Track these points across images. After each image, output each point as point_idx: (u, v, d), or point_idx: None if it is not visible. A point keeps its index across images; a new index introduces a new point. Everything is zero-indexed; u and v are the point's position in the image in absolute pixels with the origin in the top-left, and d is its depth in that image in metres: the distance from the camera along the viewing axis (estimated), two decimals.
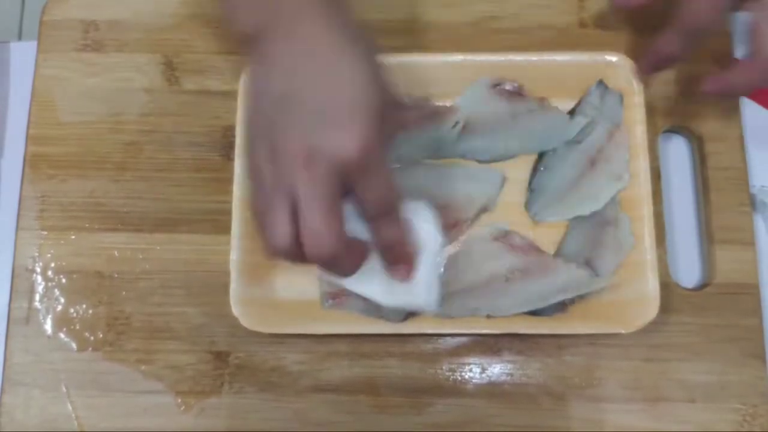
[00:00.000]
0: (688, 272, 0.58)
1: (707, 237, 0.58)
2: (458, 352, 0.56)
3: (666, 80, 0.60)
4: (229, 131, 0.59)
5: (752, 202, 0.58)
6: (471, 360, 0.56)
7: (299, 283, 0.56)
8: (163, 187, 0.59)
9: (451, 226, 0.56)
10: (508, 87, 0.58)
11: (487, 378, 0.56)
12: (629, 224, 0.56)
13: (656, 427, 0.55)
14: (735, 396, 0.55)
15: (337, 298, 0.55)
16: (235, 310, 0.53)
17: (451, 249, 0.57)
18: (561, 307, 0.54)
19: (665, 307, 0.53)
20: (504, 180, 0.58)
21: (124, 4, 0.62)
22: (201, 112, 0.60)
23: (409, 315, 0.54)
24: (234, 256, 0.54)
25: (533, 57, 0.58)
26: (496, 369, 0.56)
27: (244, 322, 0.53)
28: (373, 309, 0.54)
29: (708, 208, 0.58)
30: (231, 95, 0.58)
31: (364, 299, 0.54)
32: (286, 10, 0.43)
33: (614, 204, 0.56)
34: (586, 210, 0.57)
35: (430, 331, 0.54)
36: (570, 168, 0.57)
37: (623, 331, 0.53)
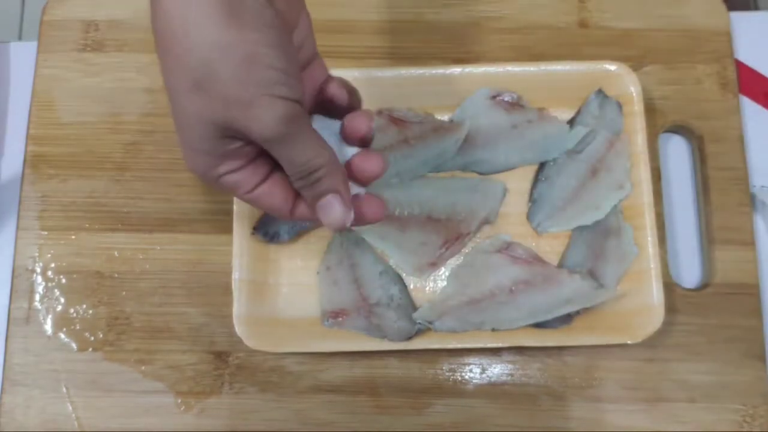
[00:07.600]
0: (688, 272, 0.58)
1: (707, 237, 0.58)
2: (458, 352, 0.56)
3: (666, 80, 0.60)
4: None
5: (752, 202, 0.58)
6: (471, 360, 0.56)
7: (301, 302, 0.56)
8: (163, 187, 0.59)
9: (453, 239, 0.56)
10: (506, 98, 0.57)
11: (487, 378, 0.56)
12: (632, 234, 0.55)
13: (656, 427, 0.55)
14: (735, 396, 0.55)
15: (338, 317, 0.54)
16: (239, 330, 0.53)
17: (454, 262, 0.56)
18: (566, 319, 0.54)
19: (665, 307, 0.53)
20: (505, 191, 0.57)
21: (124, 4, 0.62)
22: None
23: (414, 335, 0.54)
24: (236, 275, 0.54)
25: (531, 67, 0.57)
26: (496, 369, 0.56)
27: (248, 342, 0.53)
28: (375, 329, 0.54)
29: (708, 208, 0.58)
30: None
31: (366, 318, 0.54)
32: None
33: (617, 213, 0.56)
34: (588, 220, 0.56)
35: (435, 346, 0.54)
36: (571, 178, 0.57)
37: (629, 342, 0.53)
